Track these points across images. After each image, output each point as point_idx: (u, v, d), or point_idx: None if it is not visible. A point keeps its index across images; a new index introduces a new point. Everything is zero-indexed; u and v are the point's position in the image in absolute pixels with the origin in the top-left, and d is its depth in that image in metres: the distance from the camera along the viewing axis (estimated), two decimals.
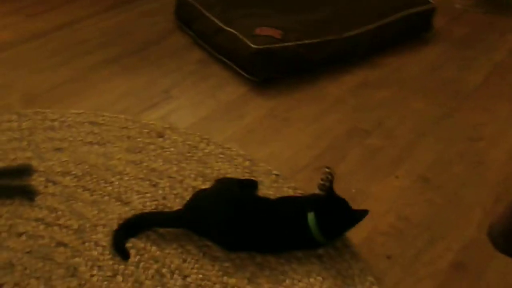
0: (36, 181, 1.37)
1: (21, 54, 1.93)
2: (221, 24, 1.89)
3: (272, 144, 1.55)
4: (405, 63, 1.94)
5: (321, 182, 1.37)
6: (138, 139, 1.53)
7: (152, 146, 1.51)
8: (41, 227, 1.26)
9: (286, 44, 1.78)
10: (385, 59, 1.96)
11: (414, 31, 2.09)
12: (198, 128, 1.58)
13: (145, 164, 1.44)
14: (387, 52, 1.99)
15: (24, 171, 1.40)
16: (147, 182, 1.39)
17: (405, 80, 1.85)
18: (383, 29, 1.96)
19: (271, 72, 1.80)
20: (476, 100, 1.76)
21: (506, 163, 1.50)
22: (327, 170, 1.42)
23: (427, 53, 2.01)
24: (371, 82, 1.83)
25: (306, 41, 1.82)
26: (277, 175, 1.43)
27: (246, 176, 1.41)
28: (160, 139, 1.53)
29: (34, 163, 1.42)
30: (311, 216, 1.20)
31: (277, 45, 1.77)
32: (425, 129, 1.63)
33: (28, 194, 1.33)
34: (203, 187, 1.35)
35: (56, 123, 1.58)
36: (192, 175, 1.41)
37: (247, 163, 1.46)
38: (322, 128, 1.62)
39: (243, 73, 1.81)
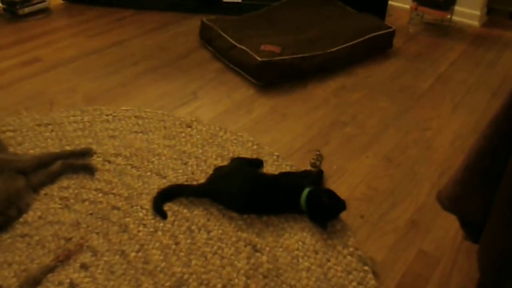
0: (95, 161, 1.34)
1: (83, 65, 1.86)
2: (234, 42, 1.83)
3: (273, 133, 1.50)
4: (373, 72, 1.88)
5: (313, 161, 1.34)
6: (172, 129, 1.49)
7: (183, 134, 1.46)
8: (100, 195, 1.23)
9: (284, 57, 1.73)
10: (358, 69, 1.90)
11: (380, 48, 2.02)
12: (218, 121, 1.54)
13: (177, 147, 1.41)
14: (359, 63, 1.93)
15: (86, 153, 1.36)
16: (179, 161, 1.35)
17: (373, 85, 1.80)
18: (356, 46, 1.89)
19: (272, 78, 1.75)
20: (425, 101, 1.70)
21: (449, 147, 1.46)
22: (317, 152, 1.38)
23: (389, 65, 1.95)
24: (348, 86, 1.78)
25: (299, 55, 1.76)
26: (277, 155, 1.39)
27: (254, 156, 1.37)
28: (189, 129, 1.49)
29: (94, 147, 1.39)
30: (305, 192, 1.17)
31: (277, 58, 1.71)
32: (388, 121, 1.58)
33: (90, 170, 1.30)
34: (222, 164, 1.33)
35: (110, 117, 1.53)
36: (214, 156, 1.38)
37: (255, 147, 1.42)
38: (311, 120, 1.57)
39: (251, 79, 1.75)
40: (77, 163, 1.31)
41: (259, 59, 1.69)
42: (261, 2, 2.28)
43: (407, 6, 2.35)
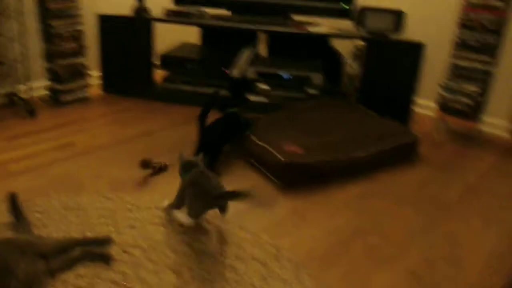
0: (113, 250, 1.38)
1: (113, 153, 2.00)
2: (258, 141, 1.94)
3: (293, 236, 1.52)
4: (397, 180, 1.93)
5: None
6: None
7: (202, 230, 1.51)
8: (112, 286, 1.25)
9: (307, 159, 1.81)
10: (382, 175, 1.95)
11: (404, 155, 2.09)
12: (237, 218, 1.58)
13: (195, 244, 1.43)
14: (383, 170, 1.99)
15: (106, 241, 1.41)
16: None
17: (398, 193, 1.83)
18: (380, 152, 1.97)
19: (294, 179, 1.81)
20: (454, 213, 1.70)
21: (481, 268, 1.41)
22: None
23: (414, 173, 1.99)
24: (371, 193, 1.82)
25: (322, 158, 1.84)
26: (296, 262, 1.39)
27: (272, 260, 1.38)
28: (208, 225, 1.53)
29: (114, 235, 1.44)
30: None
31: (300, 159, 1.80)
32: (414, 233, 1.58)
33: (106, 260, 1.33)
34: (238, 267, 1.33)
35: (132, 206, 1.61)
36: (232, 257, 1.39)
37: (273, 250, 1.43)
38: (332, 226, 1.59)
39: (273, 178, 1.83)
40: (96, 251, 1.36)
41: (282, 159, 1.78)
42: (286, 102, 2.49)
43: (432, 113, 2.48)
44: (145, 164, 1.83)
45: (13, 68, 2.41)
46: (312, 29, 2.48)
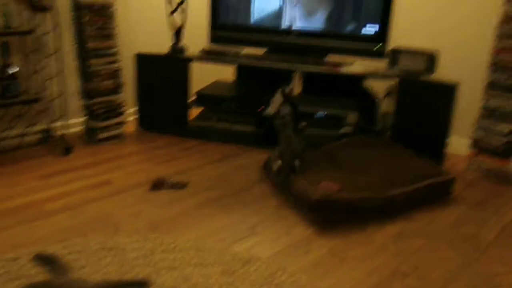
0: None
1: (149, 191, 2.03)
2: (293, 178, 1.96)
3: (332, 278, 1.52)
4: (433, 219, 1.93)
5: None
6: (230, 264, 1.55)
7: (241, 271, 1.52)
8: None
9: (342, 196, 1.82)
10: (417, 214, 1.95)
11: (439, 194, 2.09)
12: (275, 259, 1.59)
13: (234, 285, 1.44)
14: (418, 209, 1.99)
15: (143, 284, 1.40)
16: None
17: (434, 233, 1.82)
18: (415, 191, 1.97)
19: (330, 216, 1.82)
20: (492, 254, 1.68)
21: None
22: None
23: (450, 212, 1.99)
24: (408, 232, 1.81)
25: (358, 196, 1.85)
26: None
27: None
28: (247, 266, 1.54)
29: (153, 276, 1.45)
30: None
31: (335, 196, 1.81)
32: (453, 275, 1.56)
33: None
34: None
35: (170, 247, 1.63)
36: None
37: None
38: (371, 268, 1.58)
39: (309, 216, 1.84)
40: None
41: (317, 196, 1.79)
42: (320, 140, 2.52)
43: (465, 152, 2.49)
44: (157, 184, 1.83)
45: (50, 105, 2.53)
46: (346, 69, 2.54)
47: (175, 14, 2.68)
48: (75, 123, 2.71)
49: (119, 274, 1.48)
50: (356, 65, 2.64)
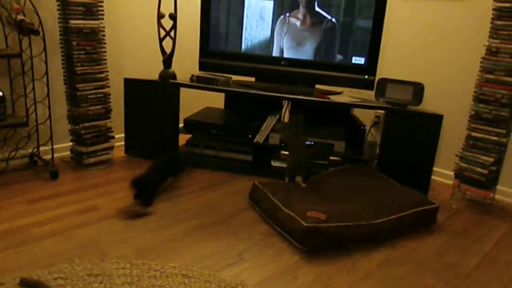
0: None
1: (137, 217, 2.07)
2: (281, 206, 2.02)
3: None
4: (418, 247, 1.99)
5: None
6: None
7: None
8: None
9: (329, 224, 1.87)
10: (402, 242, 2.01)
11: (424, 222, 2.17)
12: (263, 285, 1.62)
13: None
14: (403, 237, 2.05)
15: None
16: None
17: (418, 260, 1.88)
18: (401, 219, 2.04)
19: (317, 244, 1.87)
20: (472, 282, 1.75)
21: None
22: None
23: (434, 240, 2.06)
24: (393, 260, 1.87)
25: (344, 223, 1.90)
26: None
27: None
28: None
29: None
30: None
31: (322, 224, 1.86)
32: None
33: None
34: None
35: (157, 273, 1.65)
36: None
37: None
38: None
39: (296, 244, 1.88)
40: None
41: (304, 224, 1.84)
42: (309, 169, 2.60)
43: (449, 182, 2.59)
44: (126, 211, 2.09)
45: (37, 129, 2.55)
46: (334, 98, 2.64)
47: (164, 41, 2.77)
48: (62, 148, 2.74)
49: None
50: (344, 95, 2.76)
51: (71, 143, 2.66)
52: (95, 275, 1.62)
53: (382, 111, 2.60)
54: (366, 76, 2.69)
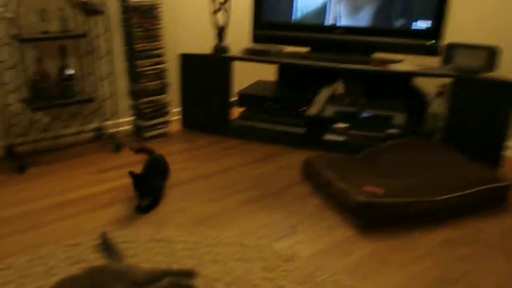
0: (198, 282, 1.48)
1: (193, 188, 2.15)
2: (335, 181, 1.99)
3: (373, 280, 1.54)
4: (486, 227, 1.89)
5: None
6: (271, 261, 1.61)
7: (281, 268, 1.58)
8: None
9: (387, 199, 1.83)
10: (467, 221, 1.92)
11: (492, 201, 2.04)
12: (316, 259, 1.64)
13: (275, 281, 1.51)
14: (469, 215, 1.96)
15: (191, 273, 1.52)
16: None
17: (486, 240, 1.79)
18: (466, 197, 1.94)
19: (374, 220, 1.84)
20: None
21: None
22: None
23: (504, 220, 1.94)
24: (456, 239, 1.79)
25: (404, 199, 1.85)
26: None
27: None
28: (287, 264, 1.60)
29: (197, 268, 1.55)
30: None
31: (379, 200, 1.82)
32: (505, 285, 1.52)
33: None
34: None
35: (214, 241, 1.72)
36: None
37: None
38: (414, 272, 1.59)
39: (351, 218, 1.88)
40: (183, 283, 1.46)
41: (359, 199, 1.82)
42: (364, 141, 2.54)
43: None
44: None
45: (102, 105, 2.72)
46: (394, 67, 2.51)
47: (218, 14, 2.79)
48: (125, 122, 2.89)
49: (167, 263, 1.59)
50: (406, 63, 2.60)
51: (131, 118, 2.81)
52: (156, 241, 1.72)
53: (449, 79, 2.43)
54: (432, 41, 2.50)
